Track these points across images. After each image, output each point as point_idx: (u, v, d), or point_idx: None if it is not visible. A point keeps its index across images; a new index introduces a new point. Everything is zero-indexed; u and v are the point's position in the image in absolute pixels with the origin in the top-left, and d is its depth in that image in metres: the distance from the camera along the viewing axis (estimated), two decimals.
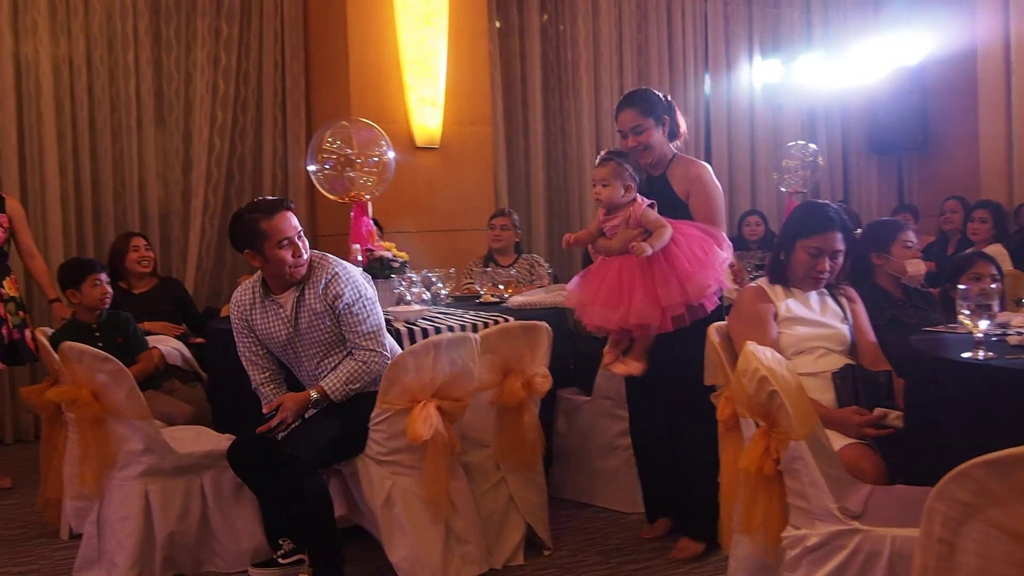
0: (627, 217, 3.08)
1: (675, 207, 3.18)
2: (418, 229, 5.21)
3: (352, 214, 4.07)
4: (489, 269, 4.57)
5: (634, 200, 3.09)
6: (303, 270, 3.05)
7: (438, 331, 3.48)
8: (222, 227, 6.03)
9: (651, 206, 3.09)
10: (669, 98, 3.34)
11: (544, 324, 3.41)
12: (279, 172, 6.22)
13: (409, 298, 3.87)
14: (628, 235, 3.05)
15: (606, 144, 7.02)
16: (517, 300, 4.13)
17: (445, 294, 4.18)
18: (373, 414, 3.02)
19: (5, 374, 5.55)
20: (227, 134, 6.06)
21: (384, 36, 5.51)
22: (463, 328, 3.56)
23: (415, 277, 3.97)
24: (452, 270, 4.36)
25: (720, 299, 3.19)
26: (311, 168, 4.16)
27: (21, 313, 4.40)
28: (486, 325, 3.58)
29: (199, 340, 4.66)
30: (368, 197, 4.09)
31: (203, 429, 3.64)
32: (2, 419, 5.60)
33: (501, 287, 4.29)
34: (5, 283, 4.36)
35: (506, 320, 3.65)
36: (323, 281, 3.03)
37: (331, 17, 5.79)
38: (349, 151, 4.09)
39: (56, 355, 3.52)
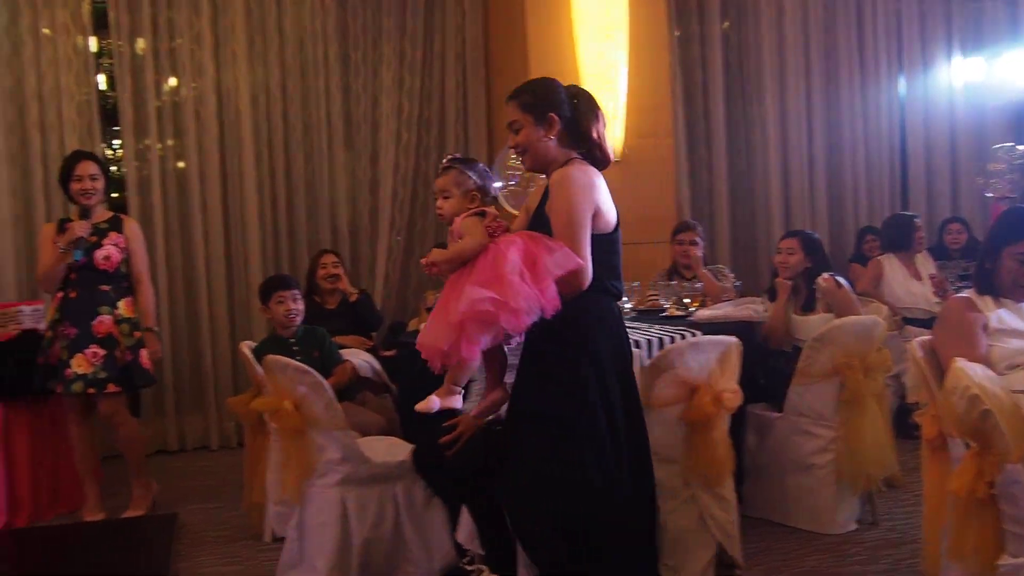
0: (456, 230, 2.71)
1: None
2: None
3: None
4: (674, 282, 4.49)
5: (479, 212, 2.70)
6: None
7: None
8: (408, 243, 6.25)
9: (481, 215, 2.70)
10: (575, 89, 2.80)
11: (734, 339, 3.32)
12: None
13: None
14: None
15: (793, 153, 6.80)
16: (704, 314, 4.04)
17: (629, 307, 4.14)
18: None
19: (210, 386, 5.94)
20: (411, 153, 6.26)
21: (563, 52, 5.54)
22: (649, 343, 3.51)
23: None
24: (636, 283, 4.31)
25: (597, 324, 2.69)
26: (496, 184, 4.22)
27: (136, 334, 4.35)
28: (672, 340, 3.52)
29: (389, 353, 4.80)
30: None
31: (395, 440, 3.74)
32: (208, 427, 5.97)
33: (687, 301, 4.20)
34: (121, 304, 4.35)
35: (693, 334, 3.58)
36: None
37: (511, 35, 5.87)
38: None
39: (259, 367, 3.73)
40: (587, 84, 5.48)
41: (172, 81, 5.98)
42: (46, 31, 5.72)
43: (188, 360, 5.96)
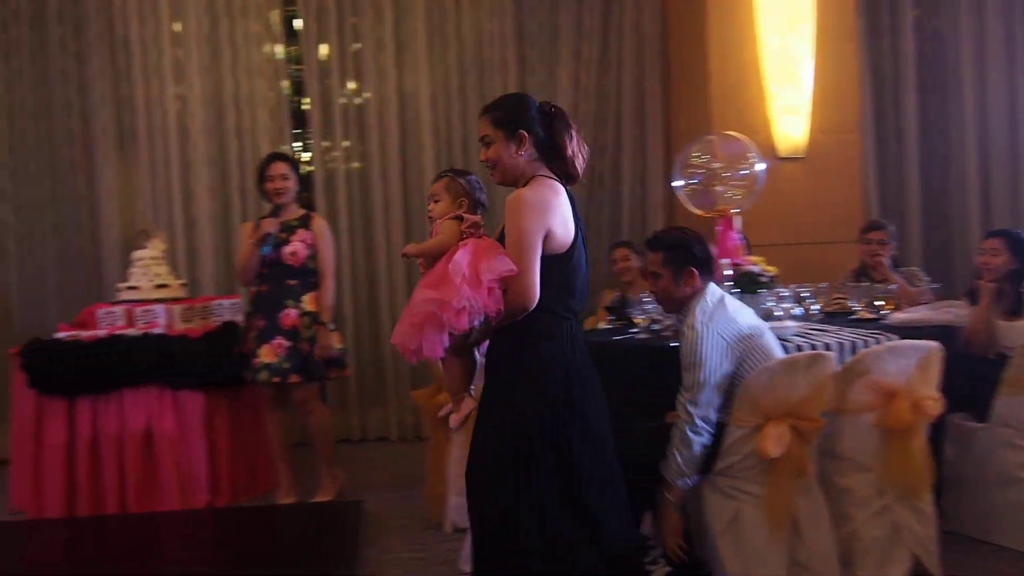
0: (434, 230, 2.78)
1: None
2: (782, 242, 5.03)
3: (718, 228, 4.03)
4: (865, 284, 4.30)
5: (457, 216, 2.74)
6: None
7: (814, 348, 3.33)
8: (587, 244, 6.24)
9: (459, 219, 2.73)
10: (549, 107, 2.72)
11: (936, 343, 3.16)
12: (637, 188, 6.30)
13: (779, 313, 3.74)
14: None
15: (994, 148, 6.38)
16: (899, 317, 3.86)
17: (817, 310, 4.00)
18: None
19: (391, 379, 6.14)
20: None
21: (745, 46, 5.40)
22: (841, 346, 3.38)
23: (785, 292, 3.83)
24: (824, 285, 4.16)
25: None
26: (677, 183, 4.16)
27: (314, 326, 4.47)
28: (865, 344, 3.38)
29: None
30: (736, 211, 4.02)
31: None
32: (388, 419, 6.17)
33: (879, 303, 4.01)
34: (306, 299, 4.48)
35: (888, 338, 3.42)
36: None
37: (691, 31, 5.78)
38: (716, 165, 4.06)
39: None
40: (769, 79, 5.35)
41: (356, 85, 6.22)
42: (242, 42, 6.07)
43: (369, 353, 6.18)
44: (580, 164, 2.74)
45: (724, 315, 3.05)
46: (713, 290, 3.14)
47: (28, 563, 4.11)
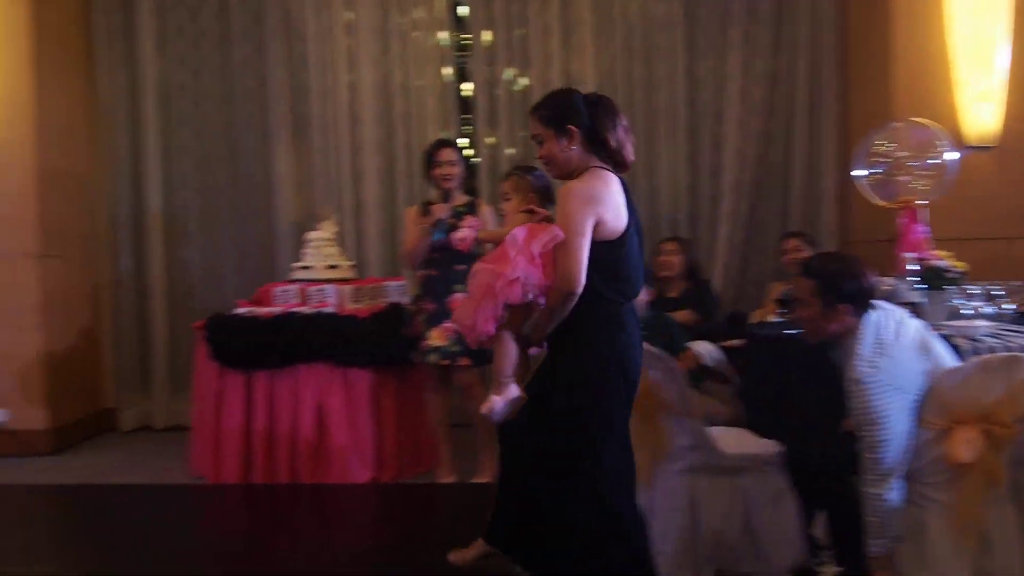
0: (507, 223, 3.00)
1: None
2: (967, 236, 4.74)
3: (901, 220, 3.84)
4: None
5: (529, 210, 2.94)
6: None
7: (1008, 350, 3.13)
8: (748, 233, 6.08)
9: (531, 212, 2.93)
10: (594, 98, 2.84)
11: None
12: (808, 177, 6.07)
13: (968, 312, 3.53)
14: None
15: None
16: None
17: (1011, 309, 3.75)
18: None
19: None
20: (756, 140, 6.07)
21: (932, 29, 5.10)
22: None
23: (974, 289, 3.61)
24: (1019, 283, 3.89)
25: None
26: (859, 172, 3.98)
27: None
28: None
29: (732, 343, 4.70)
30: (922, 202, 3.82)
31: (743, 431, 3.65)
32: None
33: None
34: None
35: None
36: None
37: (872, 13, 5.51)
38: (902, 153, 3.87)
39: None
40: (959, 63, 5.03)
41: (520, 71, 6.24)
42: (410, 31, 6.20)
43: None
44: (628, 152, 2.84)
45: (888, 358, 2.81)
46: (871, 326, 2.88)
47: (207, 525, 4.35)
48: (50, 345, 5.65)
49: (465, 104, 6.36)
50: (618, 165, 2.85)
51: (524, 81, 6.24)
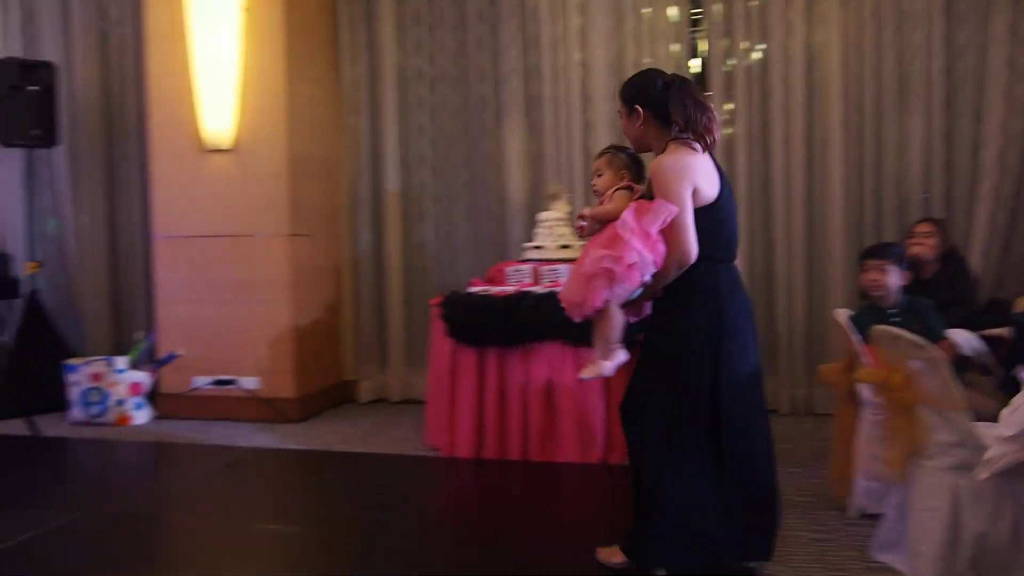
0: (606, 199, 3.08)
1: None
2: None
3: None
4: None
5: (627, 187, 3.06)
6: None
7: None
8: (1011, 214, 5.56)
9: (629, 189, 3.06)
10: (672, 78, 2.95)
11: None
12: None
13: None
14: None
15: None
16: None
17: None
18: None
19: (783, 350, 5.91)
20: (1023, 112, 5.53)
21: None
22: None
23: None
24: None
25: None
26: None
27: None
28: None
29: (994, 332, 4.31)
30: None
31: None
32: (778, 391, 5.94)
33: None
34: None
35: None
36: None
37: None
38: None
39: (853, 336, 3.58)
40: None
41: (757, 44, 5.99)
42: (642, 7, 6.08)
43: (763, 324, 5.98)
44: (705, 127, 2.89)
45: None
46: None
47: (441, 496, 4.47)
48: (298, 319, 6.00)
49: (700, 81, 6.18)
50: (700, 140, 2.91)
51: (757, 56, 5.99)
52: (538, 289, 4.93)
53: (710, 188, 2.88)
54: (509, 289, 4.99)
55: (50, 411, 6.07)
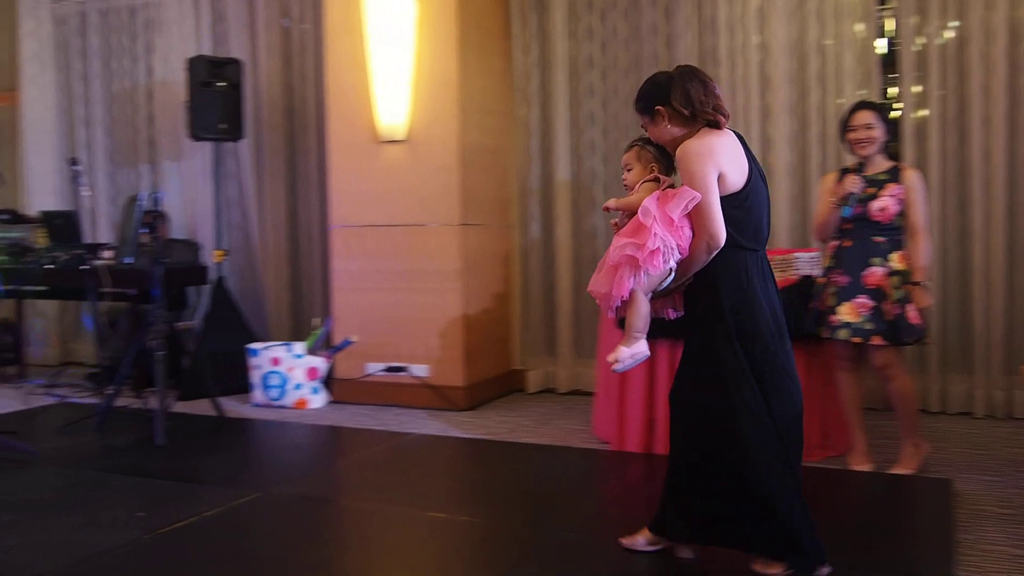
0: (634, 191, 3.07)
1: None
2: None
3: None
4: None
5: (655, 179, 3.06)
6: None
7: None
8: None
9: (657, 180, 3.06)
10: (681, 69, 2.99)
11: None
12: None
13: None
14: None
15: None
16: None
17: None
18: None
19: (980, 348, 5.50)
20: None
21: None
22: None
23: None
24: None
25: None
26: None
27: (905, 287, 4.12)
28: None
29: None
30: None
31: None
32: (973, 392, 5.54)
33: None
34: (894, 257, 4.14)
35: None
36: None
37: None
38: None
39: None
40: None
41: (952, 21, 5.58)
42: None
43: (957, 319, 5.60)
44: (716, 106, 2.90)
45: None
46: None
47: (610, 490, 4.39)
48: (468, 308, 6.03)
49: (888, 61, 5.82)
50: (721, 124, 2.92)
51: (949, 34, 5.57)
52: None
53: (737, 174, 2.88)
54: None
55: (234, 393, 6.36)
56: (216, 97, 6.60)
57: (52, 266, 6.45)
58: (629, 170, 3.15)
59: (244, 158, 7.29)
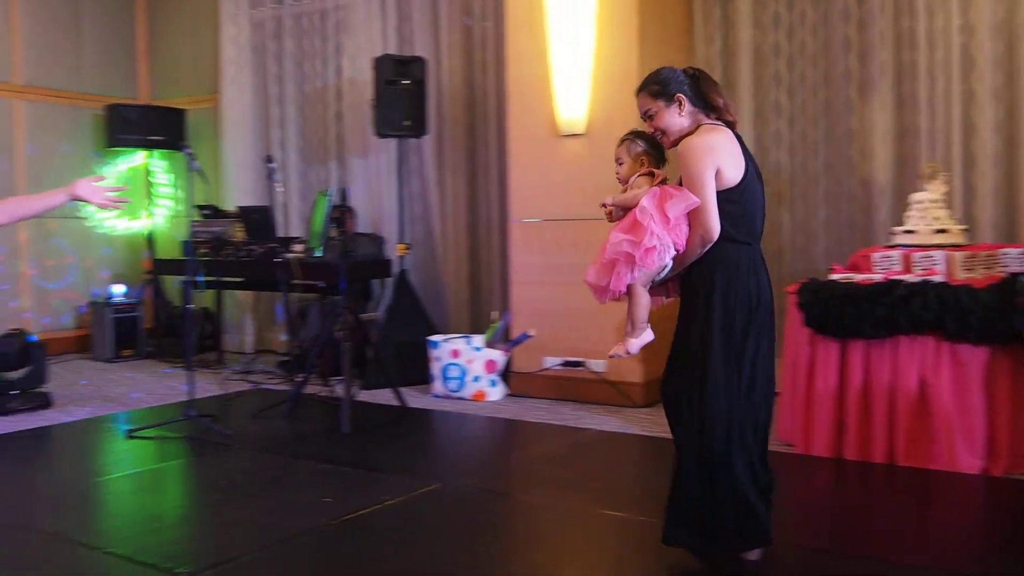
0: (628, 186, 3.15)
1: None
2: None
3: None
4: None
5: (649, 173, 3.13)
6: None
7: None
8: None
9: (651, 175, 3.13)
10: (692, 70, 3.13)
11: None
12: None
13: None
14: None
15: None
16: None
17: None
18: None
19: None
20: None
21: None
22: None
23: None
24: None
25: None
26: None
27: None
28: None
29: None
30: None
31: None
32: None
33: None
34: None
35: None
36: None
37: None
38: None
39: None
40: None
41: None
42: None
43: None
44: (733, 111, 3.11)
45: None
46: None
47: (794, 495, 4.20)
48: None
49: None
50: (729, 124, 3.08)
51: None
52: (910, 278, 4.47)
53: (734, 170, 2.99)
54: (876, 277, 4.58)
55: (415, 383, 6.51)
56: (401, 95, 6.77)
57: (248, 259, 6.79)
58: (621, 164, 3.22)
59: (427, 153, 7.46)
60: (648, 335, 3.15)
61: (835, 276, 4.72)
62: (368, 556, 3.37)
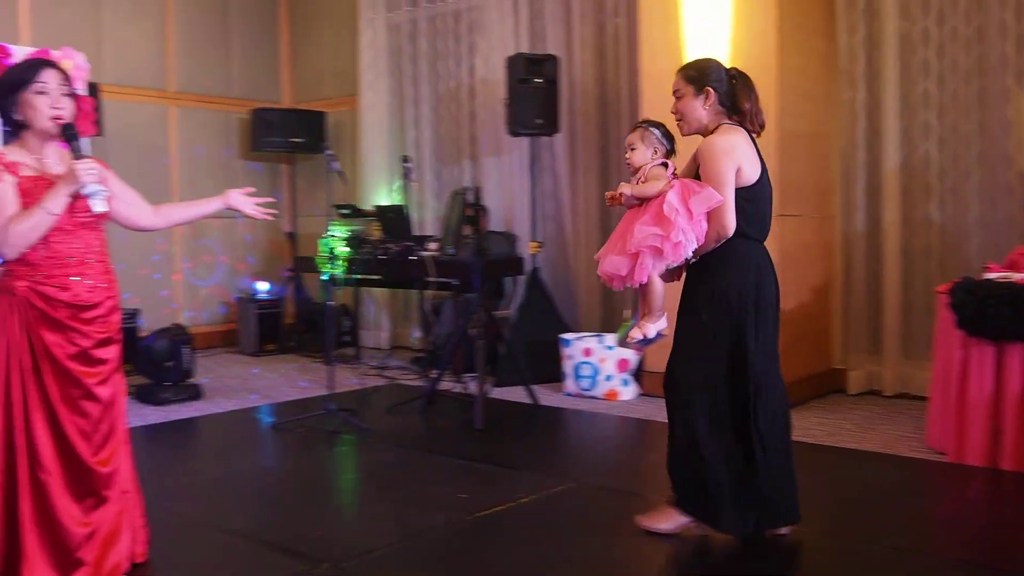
0: (643, 175, 3.23)
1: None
2: None
3: None
4: None
5: (663, 163, 3.23)
6: None
7: None
8: None
9: (664, 166, 3.24)
10: (735, 71, 3.26)
11: None
12: None
13: None
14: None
15: None
16: None
17: None
18: None
19: None
20: None
21: None
22: None
23: None
24: None
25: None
26: None
27: None
28: None
29: None
30: None
31: None
32: None
33: None
34: None
35: None
36: None
37: None
38: None
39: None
40: None
41: None
42: None
43: None
44: (760, 120, 3.26)
45: None
46: None
47: (947, 506, 4.01)
48: (784, 302, 5.66)
49: None
50: (753, 127, 3.25)
51: None
52: None
53: (752, 169, 3.16)
54: None
55: (547, 381, 6.51)
56: (533, 93, 6.78)
57: (384, 257, 6.94)
58: (633, 150, 3.29)
59: (559, 151, 7.44)
60: (664, 322, 3.28)
61: (990, 275, 4.46)
62: (501, 554, 3.38)
